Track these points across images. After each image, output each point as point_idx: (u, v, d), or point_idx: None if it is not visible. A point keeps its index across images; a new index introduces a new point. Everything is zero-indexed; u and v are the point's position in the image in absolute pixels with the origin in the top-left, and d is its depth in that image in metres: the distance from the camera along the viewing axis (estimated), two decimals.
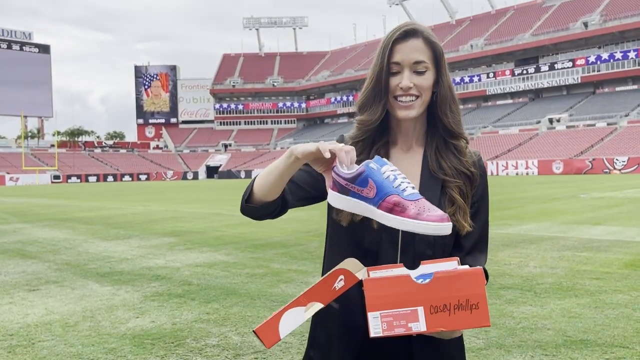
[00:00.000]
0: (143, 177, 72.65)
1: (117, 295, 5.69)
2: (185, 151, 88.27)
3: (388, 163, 1.15)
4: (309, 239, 9.59)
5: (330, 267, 1.27)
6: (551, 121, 59.43)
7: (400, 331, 1.14)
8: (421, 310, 1.14)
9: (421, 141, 1.46)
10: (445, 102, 1.39)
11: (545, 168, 47.93)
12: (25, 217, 15.58)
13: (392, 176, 1.12)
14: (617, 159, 44.22)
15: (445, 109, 1.39)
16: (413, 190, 1.12)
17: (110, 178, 70.35)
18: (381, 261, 1.32)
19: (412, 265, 1.21)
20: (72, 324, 4.63)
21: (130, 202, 22.00)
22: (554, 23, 67.12)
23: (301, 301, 1.18)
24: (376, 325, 1.14)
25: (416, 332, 1.15)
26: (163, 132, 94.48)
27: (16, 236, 11.05)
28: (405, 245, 1.34)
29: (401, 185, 1.12)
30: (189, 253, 8.41)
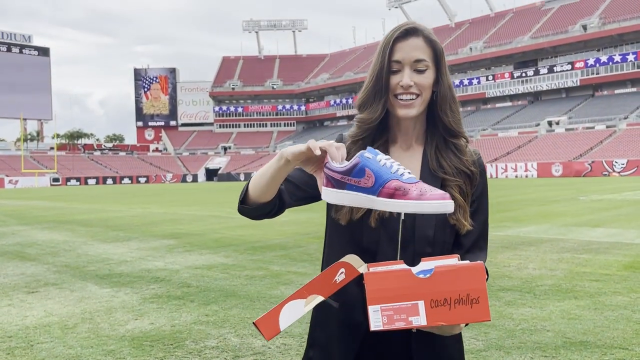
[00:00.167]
0: (142, 180, 72.63)
1: (116, 297, 5.68)
2: (184, 154, 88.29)
3: (381, 153, 1.15)
4: (309, 241, 9.59)
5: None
6: (550, 124, 59.51)
7: (400, 325, 1.14)
8: (422, 304, 1.14)
9: (421, 140, 1.46)
10: (445, 101, 1.39)
11: (544, 170, 48.00)
12: (24, 220, 15.57)
13: (388, 163, 1.13)
14: (616, 162, 44.29)
15: (445, 108, 1.39)
16: (410, 174, 1.12)
17: (109, 181, 70.33)
18: (380, 260, 1.32)
19: (412, 263, 1.21)
20: (71, 326, 4.62)
21: (129, 205, 21.99)
22: (553, 26, 67.22)
23: (302, 293, 1.19)
24: (377, 318, 1.14)
25: (417, 326, 1.14)
26: (162, 135, 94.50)
27: (15, 238, 11.05)
28: (404, 243, 1.34)
29: (398, 170, 1.12)
30: (188, 255, 8.41)
